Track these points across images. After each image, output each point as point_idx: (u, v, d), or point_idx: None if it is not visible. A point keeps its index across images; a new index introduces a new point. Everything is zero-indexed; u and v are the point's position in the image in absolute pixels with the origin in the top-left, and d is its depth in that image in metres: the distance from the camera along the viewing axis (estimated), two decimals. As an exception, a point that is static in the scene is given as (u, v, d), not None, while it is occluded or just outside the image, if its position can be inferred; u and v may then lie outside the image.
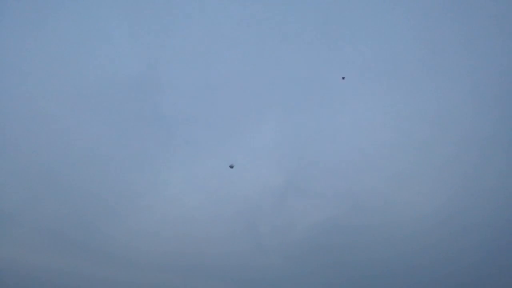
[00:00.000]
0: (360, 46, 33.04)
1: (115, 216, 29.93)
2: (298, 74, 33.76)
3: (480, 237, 29.28)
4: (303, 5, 33.14)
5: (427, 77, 32.44)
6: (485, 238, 29.18)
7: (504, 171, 30.05)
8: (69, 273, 28.01)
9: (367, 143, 32.32)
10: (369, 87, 33.21)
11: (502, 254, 28.54)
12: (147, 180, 30.99)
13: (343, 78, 28.63)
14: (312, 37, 33.63)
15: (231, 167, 25.73)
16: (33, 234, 28.38)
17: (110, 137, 31.09)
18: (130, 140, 31.56)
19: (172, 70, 32.78)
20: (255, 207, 31.59)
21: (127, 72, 31.95)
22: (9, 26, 30.27)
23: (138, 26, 32.43)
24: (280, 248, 30.79)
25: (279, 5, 33.28)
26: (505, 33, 31.80)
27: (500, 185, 29.83)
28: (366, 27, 33.08)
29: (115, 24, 31.96)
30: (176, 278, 29.50)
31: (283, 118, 33.74)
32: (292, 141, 33.25)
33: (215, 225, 30.66)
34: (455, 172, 31.46)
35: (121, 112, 31.87)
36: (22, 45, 30.61)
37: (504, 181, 29.81)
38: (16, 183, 28.74)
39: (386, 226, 30.32)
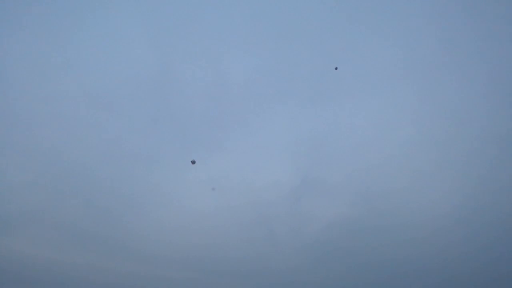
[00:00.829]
0: (378, 43, 32.55)
1: (131, 214, 30.47)
2: (311, 71, 33.46)
3: (498, 235, 28.75)
4: (318, 2, 32.73)
5: (444, 74, 31.81)
6: (503, 236, 28.63)
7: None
8: (89, 269, 28.84)
9: (383, 141, 31.94)
10: (387, 84, 32.76)
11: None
12: (164, 179, 31.41)
13: (336, 68, 27.83)
14: (326, 33, 33.23)
15: (193, 162, 25.27)
16: (54, 231, 29.21)
17: (126, 137, 31.57)
18: (145, 140, 32.03)
19: (185, 70, 33.00)
20: (270, 208, 31.56)
21: (141, 73, 32.37)
22: (26, 28, 30.98)
23: (152, 28, 32.73)
24: (296, 249, 30.72)
25: (292, 2, 32.96)
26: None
27: (519, 183, 29.15)
28: (384, 24, 32.55)
29: (130, 26, 32.33)
30: (194, 275, 30.01)
31: (296, 116, 33.53)
32: (306, 140, 33.05)
33: (230, 226, 30.76)
34: (473, 170, 30.88)
35: (136, 112, 32.33)
36: (40, 47, 31.30)
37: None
38: (37, 182, 29.56)
39: (402, 226, 29.92)
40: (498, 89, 31.15)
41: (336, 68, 28.18)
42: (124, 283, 29.12)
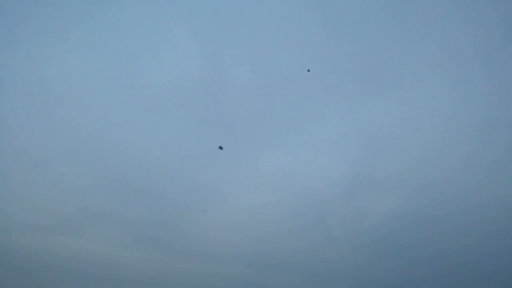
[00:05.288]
0: (429, 32, 31.72)
1: (188, 214, 31.34)
2: (359, 64, 33.13)
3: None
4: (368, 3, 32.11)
5: (503, 59, 30.54)
6: None
7: None
8: (149, 266, 30.03)
9: (436, 129, 31.42)
10: (439, 75, 32.07)
11: None
12: (216, 178, 32.01)
13: (308, 70, 27.42)
14: (378, 24, 32.65)
15: (221, 148, 25.78)
16: (117, 232, 30.45)
17: (179, 139, 32.36)
18: (198, 141, 32.68)
19: (234, 70, 33.38)
20: (323, 200, 31.76)
21: (191, 75, 32.99)
22: (86, 41, 32.20)
23: (201, 31, 33.36)
24: (349, 239, 30.74)
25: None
26: None
27: None
28: (434, 18, 31.59)
29: (180, 30, 33.08)
30: (249, 270, 30.55)
31: (346, 110, 33.40)
32: (357, 133, 32.97)
33: (284, 220, 31.11)
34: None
35: (187, 114, 33.05)
36: (96, 57, 32.52)
37: None
38: (100, 187, 30.84)
39: (459, 213, 29.50)
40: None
41: (308, 70, 27.95)
42: (181, 279, 30.13)
